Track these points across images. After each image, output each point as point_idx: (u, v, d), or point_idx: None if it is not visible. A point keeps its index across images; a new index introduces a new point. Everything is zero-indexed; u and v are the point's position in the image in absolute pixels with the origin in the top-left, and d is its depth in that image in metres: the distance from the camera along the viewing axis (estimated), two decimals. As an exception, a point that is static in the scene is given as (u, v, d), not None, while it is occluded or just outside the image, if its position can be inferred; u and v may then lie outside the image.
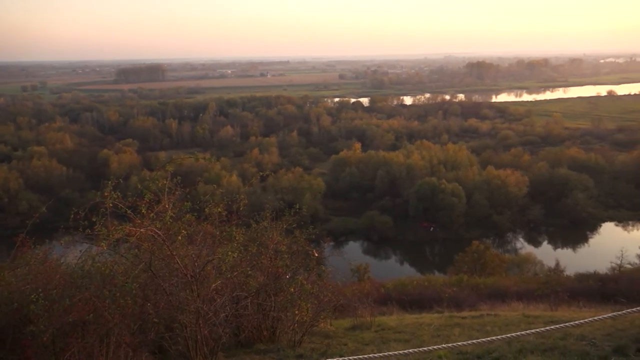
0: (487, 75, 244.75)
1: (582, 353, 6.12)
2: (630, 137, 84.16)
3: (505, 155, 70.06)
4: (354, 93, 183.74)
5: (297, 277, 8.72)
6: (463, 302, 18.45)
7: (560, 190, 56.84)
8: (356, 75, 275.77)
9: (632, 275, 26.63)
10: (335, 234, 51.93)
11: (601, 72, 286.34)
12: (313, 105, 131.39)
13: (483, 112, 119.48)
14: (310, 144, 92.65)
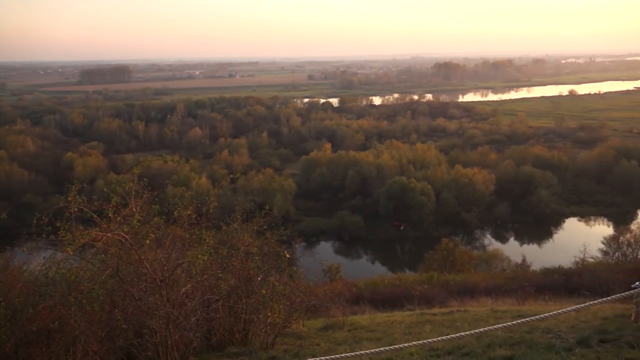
0: (454, 75, 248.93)
1: (548, 345, 6.28)
2: (591, 135, 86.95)
3: (473, 154, 71.36)
4: (323, 93, 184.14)
5: (269, 278, 8.68)
6: (433, 299, 18.71)
7: (526, 188, 58.28)
8: (325, 75, 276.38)
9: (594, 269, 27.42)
10: (307, 234, 51.88)
11: (563, 73, 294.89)
12: (283, 106, 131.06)
13: (450, 112, 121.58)
14: (281, 144, 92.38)
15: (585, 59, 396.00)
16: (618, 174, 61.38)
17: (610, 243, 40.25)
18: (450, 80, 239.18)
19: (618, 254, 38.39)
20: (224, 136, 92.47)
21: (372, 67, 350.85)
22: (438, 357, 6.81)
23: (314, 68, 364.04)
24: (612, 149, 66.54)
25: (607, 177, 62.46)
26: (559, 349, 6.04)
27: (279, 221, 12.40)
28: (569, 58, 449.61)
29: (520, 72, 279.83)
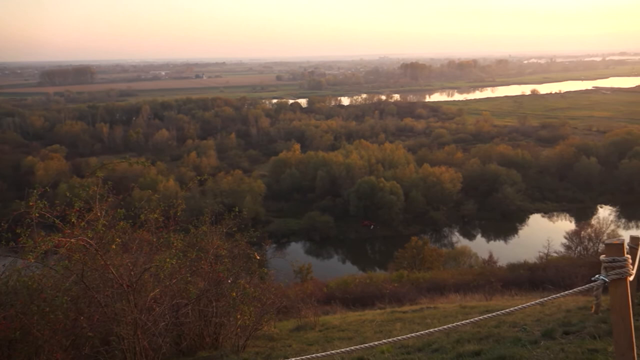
0: (420, 75, 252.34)
1: (515, 339, 6.44)
2: (553, 134, 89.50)
3: (440, 153, 72.47)
4: (291, 94, 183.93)
5: (239, 281, 8.61)
6: (404, 297, 18.93)
7: (491, 185, 59.58)
8: (293, 76, 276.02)
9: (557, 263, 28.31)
10: (277, 235, 51.74)
11: (525, 73, 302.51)
12: (251, 107, 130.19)
13: (418, 112, 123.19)
14: (249, 146, 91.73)
15: (546, 60, 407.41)
16: (579, 171, 63.39)
17: (572, 238, 41.48)
18: (417, 80, 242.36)
19: (580, 248, 39.60)
20: (192, 138, 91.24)
21: (340, 68, 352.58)
22: (409, 354, 6.89)
23: (282, 69, 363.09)
24: (573, 147, 68.63)
25: (568, 173, 64.42)
26: (525, 342, 6.19)
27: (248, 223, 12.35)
28: (531, 58, 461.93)
29: (485, 72, 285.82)
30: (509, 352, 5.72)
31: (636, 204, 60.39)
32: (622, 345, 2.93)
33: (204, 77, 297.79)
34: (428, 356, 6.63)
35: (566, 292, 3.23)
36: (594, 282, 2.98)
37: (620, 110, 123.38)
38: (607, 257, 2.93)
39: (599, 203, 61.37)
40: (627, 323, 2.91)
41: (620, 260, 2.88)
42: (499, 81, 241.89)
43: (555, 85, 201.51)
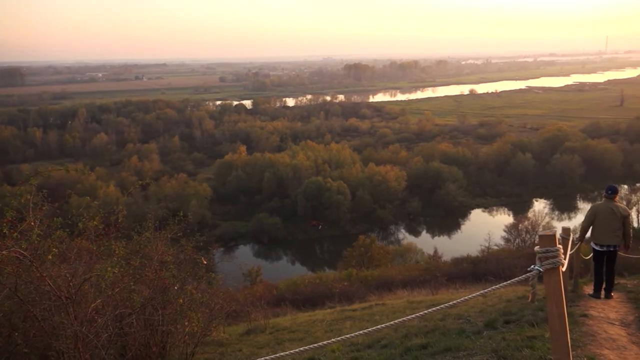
0: (364, 76, 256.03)
1: (459, 330, 6.66)
2: (491, 131, 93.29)
3: (385, 152, 73.81)
4: (236, 96, 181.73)
5: (186, 287, 8.40)
6: (353, 295, 19.13)
7: (435, 182, 61.34)
8: (237, 77, 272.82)
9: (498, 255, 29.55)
10: (225, 239, 50.99)
11: (463, 73, 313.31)
12: (194, 109, 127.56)
13: (362, 112, 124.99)
14: (194, 148, 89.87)
15: (482, 61, 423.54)
16: (515, 167, 66.40)
17: (511, 231, 43.47)
18: (361, 81, 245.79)
19: (518, 240, 41.55)
20: (133, 142, 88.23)
21: (284, 69, 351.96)
22: (359, 351, 6.98)
23: (226, 70, 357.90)
24: (509, 144, 71.78)
25: (506, 169, 67.33)
26: (469, 333, 6.43)
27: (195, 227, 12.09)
28: (469, 59, 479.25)
29: (425, 73, 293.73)
30: (454, 344, 5.91)
31: (567, 197, 64.02)
32: (557, 330, 3.10)
33: (144, 79, 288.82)
34: (377, 352, 6.74)
35: (505, 283, 3.37)
36: (530, 272, 3.12)
37: (552, 109, 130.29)
38: (540, 248, 3.09)
39: (534, 197, 64.56)
40: (560, 309, 3.07)
41: (553, 251, 3.04)
42: (439, 81, 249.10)
43: (492, 85, 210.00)
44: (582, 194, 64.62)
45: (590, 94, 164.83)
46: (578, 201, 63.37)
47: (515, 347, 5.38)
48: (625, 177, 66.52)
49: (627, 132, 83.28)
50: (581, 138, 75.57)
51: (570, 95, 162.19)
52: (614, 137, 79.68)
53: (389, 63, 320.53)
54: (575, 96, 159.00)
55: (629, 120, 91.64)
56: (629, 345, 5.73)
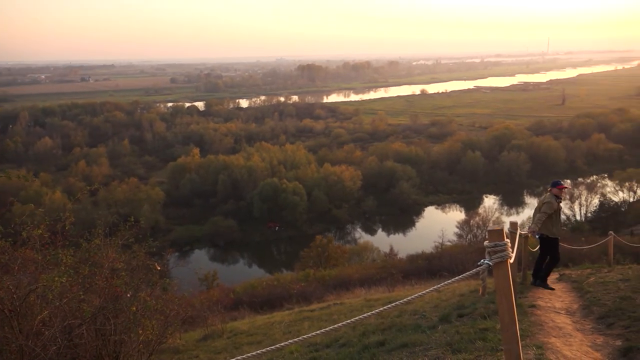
0: (317, 77, 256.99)
1: (415, 326, 6.79)
2: (441, 130, 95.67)
3: (339, 152, 74.35)
4: (188, 97, 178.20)
5: (139, 294, 8.16)
6: (311, 295, 19.15)
7: (389, 181, 62.34)
8: (189, 78, 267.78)
9: (451, 251, 30.32)
10: (179, 243, 49.97)
11: (414, 73, 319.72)
12: (145, 111, 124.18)
13: (316, 112, 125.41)
14: (145, 152, 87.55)
15: (432, 61, 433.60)
16: (465, 164, 68.38)
17: (463, 227, 44.76)
18: (315, 81, 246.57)
19: (470, 235, 42.83)
20: (80, 145, 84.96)
21: (237, 70, 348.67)
22: (317, 351, 7.00)
23: (177, 71, 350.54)
24: (460, 142, 73.87)
25: (456, 167, 69.23)
26: (424, 328, 6.56)
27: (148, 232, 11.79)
28: (419, 60, 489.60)
29: (378, 73, 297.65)
30: (410, 339, 6.02)
31: (515, 193, 66.53)
32: (506, 321, 3.21)
33: (91, 81, 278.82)
34: (336, 351, 6.78)
35: (457, 277, 3.47)
36: (480, 266, 3.23)
37: (499, 108, 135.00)
38: (489, 243, 3.19)
39: (484, 193, 66.70)
40: (509, 301, 3.18)
41: (501, 245, 3.15)
42: (391, 82, 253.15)
43: (442, 85, 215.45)
44: (529, 190, 67.31)
45: (534, 93, 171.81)
46: (525, 196, 65.95)
47: (469, 339, 5.53)
48: (567, 173, 69.77)
49: (569, 130, 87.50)
50: (527, 136, 78.69)
51: (515, 95, 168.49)
52: (556, 135, 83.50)
53: (342, 64, 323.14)
54: (520, 95, 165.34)
55: (570, 119, 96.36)
56: (573, 332, 6.01)
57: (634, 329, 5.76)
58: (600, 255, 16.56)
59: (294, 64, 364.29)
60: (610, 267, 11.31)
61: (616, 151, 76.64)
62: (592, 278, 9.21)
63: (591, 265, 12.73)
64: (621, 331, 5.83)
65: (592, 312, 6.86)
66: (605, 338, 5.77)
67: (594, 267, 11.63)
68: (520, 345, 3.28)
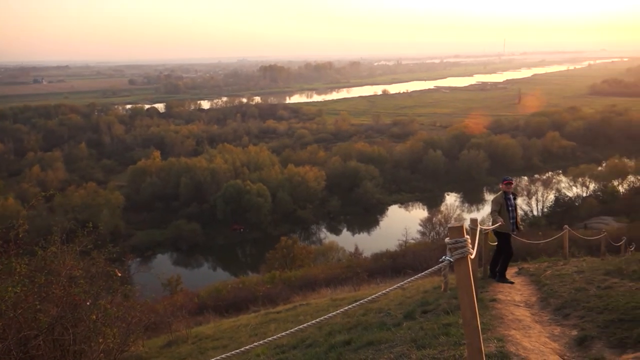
0: (279, 77, 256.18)
1: (380, 324, 6.86)
2: (403, 130, 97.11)
3: (303, 153, 74.37)
4: (147, 99, 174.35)
5: (99, 302, 7.93)
6: (277, 297, 19.08)
7: (353, 181, 62.79)
8: (148, 80, 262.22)
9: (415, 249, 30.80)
10: (141, 248, 48.87)
11: (376, 74, 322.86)
12: (102, 113, 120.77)
13: (279, 113, 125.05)
14: (103, 155, 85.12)
15: (394, 62, 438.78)
16: (427, 163, 69.61)
17: (425, 224, 45.55)
18: (277, 82, 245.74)
19: (433, 233, 43.63)
20: (34, 150, 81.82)
21: (198, 71, 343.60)
22: (283, 352, 6.98)
23: (135, 72, 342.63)
24: (421, 142, 75.13)
25: (418, 166, 70.38)
26: (389, 325, 6.64)
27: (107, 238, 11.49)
28: (381, 61, 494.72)
29: (340, 74, 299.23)
30: (376, 337, 6.08)
31: (475, 190, 68.18)
32: (468, 315, 3.28)
33: (44, 82, 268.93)
34: (302, 352, 6.77)
35: (419, 274, 3.52)
36: (441, 263, 3.29)
37: (458, 107, 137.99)
38: (450, 240, 3.26)
39: (446, 191, 68.11)
40: (470, 296, 3.26)
41: (461, 241, 3.22)
42: (353, 82, 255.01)
43: (403, 85, 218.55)
44: (488, 187, 69.06)
45: (492, 92, 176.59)
46: (485, 193, 67.66)
47: (433, 335, 5.63)
48: (525, 170, 72.03)
49: (525, 128, 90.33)
50: (485, 134, 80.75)
51: (474, 94, 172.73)
52: (514, 133, 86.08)
53: (304, 64, 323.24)
54: (479, 95, 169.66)
55: (526, 117, 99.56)
56: (532, 324, 6.20)
57: (588, 318, 5.99)
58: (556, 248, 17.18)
59: (256, 64, 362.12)
60: (565, 260, 11.73)
61: (569, 148, 79.72)
62: (549, 271, 9.53)
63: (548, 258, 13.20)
64: (576, 321, 6.05)
65: (549, 304, 7.10)
66: (562, 328, 5.98)
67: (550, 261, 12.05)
68: (481, 339, 3.35)
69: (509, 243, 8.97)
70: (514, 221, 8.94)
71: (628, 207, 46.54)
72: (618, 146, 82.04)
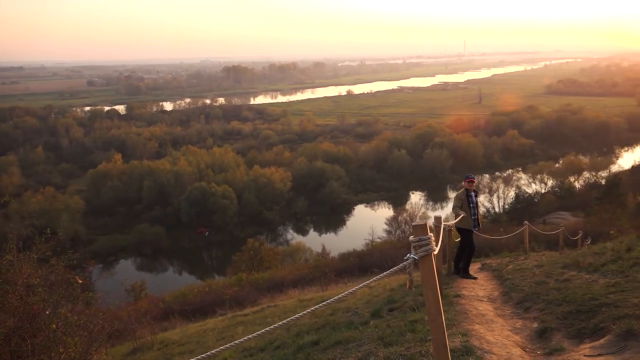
0: (243, 78, 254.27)
1: (348, 323, 6.90)
2: (368, 130, 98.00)
3: (269, 154, 74.09)
4: (107, 101, 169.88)
5: (59, 310, 7.67)
6: (245, 299, 18.93)
7: (319, 181, 62.95)
8: (108, 81, 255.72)
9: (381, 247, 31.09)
10: (103, 254, 47.61)
11: (340, 74, 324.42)
12: (59, 115, 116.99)
13: (244, 114, 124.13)
14: (61, 159, 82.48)
15: (357, 62, 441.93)
16: (392, 163, 70.47)
17: (391, 223, 46.04)
18: (241, 83, 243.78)
19: (399, 231, 44.11)
20: (-14, 154, 78.67)
21: (159, 72, 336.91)
22: (252, 355, 6.93)
23: (94, 73, 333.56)
24: (386, 141, 75.99)
25: (383, 165, 71.17)
26: (357, 324, 6.68)
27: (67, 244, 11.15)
28: (345, 61, 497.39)
29: (304, 75, 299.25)
30: (344, 337, 6.11)
31: (439, 188, 69.46)
32: (433, 312, 3.34)
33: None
34: (270, 354, 6.74)
35: (384, 273, 3.55)
36: (406, 260, 3.33)
37: (421, 107, 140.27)
38: (414, 238, 3.31)
39: (411, 190, 69.12)
40: (435, 293, 3.31)
41: (425, 239, 3.27)
42: (317, 83, 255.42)
43: (367, 86, 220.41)
44: (452, 185, 70.48)
45: (453, 92, 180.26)
46: (448, 191, 68.99)
47: (399, 332, 5.70)
48: (486, 168, 73.92)
49: (486, 127, 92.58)
50: (448, 133, 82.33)
51: (436, 94, 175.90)
52: (475, 132, 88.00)
53: (268, 65, 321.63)
54: (441, 95, 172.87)
55: (487, 116, 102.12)
56: (495, 318, 6.36)
57: (547, 311, 6.18)
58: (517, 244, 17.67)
59: (219, 65, 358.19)
60: (526, 255, 12.09)
61: (528, 146, 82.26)
62: (510, 266, 9.79)
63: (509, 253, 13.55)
64: (537, 314, 6.24)
65: (511, 297, 7.30)
66: (524, 321, 6.15)
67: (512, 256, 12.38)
68: (446, 334, 3.42)
69: (472, 240, 9.17)
70: (475, 218, 9.13)
71: (584, 202, 48.26)
72: (573, 143, 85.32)
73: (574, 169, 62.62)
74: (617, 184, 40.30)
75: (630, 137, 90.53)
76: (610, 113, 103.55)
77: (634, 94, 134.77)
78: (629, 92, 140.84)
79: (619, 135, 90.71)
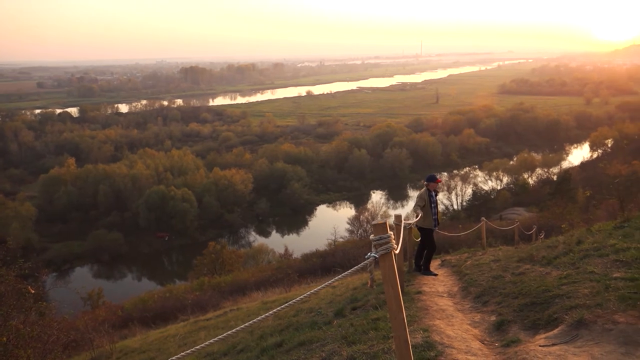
0: (201, 79, 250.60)
1: (312, 323, 6.90)
2: (328, 130, 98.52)
3: (229, 156, 73.35)
4: (58, 103, 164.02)
5: (10, 322, 7.37)
6: (207, 304, 18.63)
7: (280, 182, 62.79)
8: (59, 83, 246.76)
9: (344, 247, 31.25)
10: (57, 262, 46.00)
11: (299, 75, 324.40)
12: (7, 119, 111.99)
13: (203, 116, 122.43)
14: (10, 164, 79.09)
15: (317, 63, 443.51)
16: (353, 162, 71.08)
17: (353, 222, 46.40)
18: (199, 84, 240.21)
19: (361, 230, 44.49)
20: None
21: (114, 73, 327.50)
22: (215, 360, 6.83)
23: (44, 74, 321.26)
24: (346, 141, 76.56)
25: (344, 165, 71.70)
26: (320, 324, 6.69)
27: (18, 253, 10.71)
28: (304, 62, 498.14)
29: (264, 76, 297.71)
30: (307, 337, 6.11)
31: (399, 187, 70.57)
32: (394, 308, 3.39)
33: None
34: (234, 358, 6.68)
35: (346, 272, 3.57)
36: (367, 259, 3.36)
37: (380, 107, 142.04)
38: (375, 236, 3.34)
39: (372, 189, 69.88)
40: (395, 290, 3.36)
41: (385, 238, 3.31)
42: (277, 83, 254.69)
43: (327, 86, 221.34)
44: (412, 183, 71.72)
45: (411, 92, 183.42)
46: (408, 190, 70.18)
47: (362, 330, 5.75)
48: (444, 166, 75.58)
49: (443, 126, 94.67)
50: (407, 133, 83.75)
51: (395, 95, 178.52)
52: (433, 131, 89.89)
53: (227, 66, 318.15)
54: (399, 95, 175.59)
55: (444, 116, 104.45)
56: (455, 313, 6.51)
57: (504, 304, 6.37)
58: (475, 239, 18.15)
59: (176, 66, 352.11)
60: (484, 250, 12.42)
61: (484, 144, 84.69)
62: (469, 261, 10.04)
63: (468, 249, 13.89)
64: (495, 307, 6.42)
65: (469, 292, 7.48)
66: (482, 315, 6.32)
67: (470, 251, 12.69)
68: (407, 331, 3.47)
69: (432, 237, 9.34)
70: (436, 217, 9.30)
71: (537, 198, 50.08)
72: (527, 141, 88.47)
73: (528, 166, 64.87)
74: (567, 180, 42.06)
75: (578, 134, 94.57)
76: (560, 112, 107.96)
77: (581, 93, 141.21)
78: (577, 92, 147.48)
79: (568, 133, 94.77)
